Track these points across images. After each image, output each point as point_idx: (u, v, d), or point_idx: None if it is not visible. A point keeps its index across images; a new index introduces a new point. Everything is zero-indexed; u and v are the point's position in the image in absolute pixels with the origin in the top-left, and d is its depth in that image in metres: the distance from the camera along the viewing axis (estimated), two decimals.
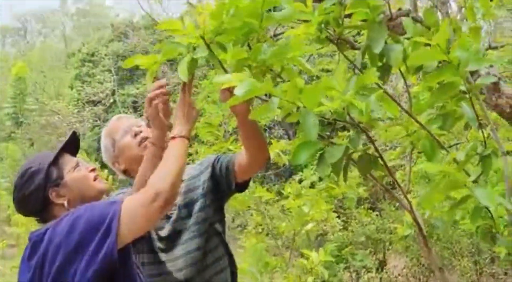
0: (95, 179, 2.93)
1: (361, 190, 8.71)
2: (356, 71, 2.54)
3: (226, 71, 2.50)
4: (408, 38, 2.55)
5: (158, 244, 3.34)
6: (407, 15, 6.95)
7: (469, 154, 2.48)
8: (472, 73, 6.21)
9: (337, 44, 2.60)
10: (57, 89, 34.36)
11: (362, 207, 10.97)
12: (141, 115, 3.28)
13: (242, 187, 3.47)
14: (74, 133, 3.04)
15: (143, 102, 24.81)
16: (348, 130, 2.54)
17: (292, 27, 2.76)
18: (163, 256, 3.32)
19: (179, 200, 3.37)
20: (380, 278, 9.86)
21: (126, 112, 25.21)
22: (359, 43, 2.82)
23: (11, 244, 20.08)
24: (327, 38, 2.59)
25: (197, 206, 3.38)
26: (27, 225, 19.73)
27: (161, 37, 23.42)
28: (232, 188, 3.40)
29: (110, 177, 7.81)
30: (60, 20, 52.65)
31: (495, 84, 5.55)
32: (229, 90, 2.63)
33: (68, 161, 2.94)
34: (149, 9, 25.18)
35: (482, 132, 2.50)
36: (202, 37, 2.48)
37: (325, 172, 2.36)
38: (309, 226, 7.03)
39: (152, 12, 25.11)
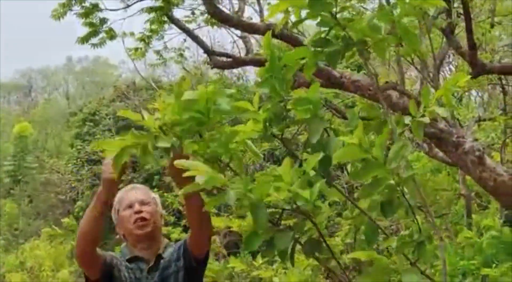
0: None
1: (344, 256, 8.76)
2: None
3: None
4: (351, 131, 2.71)
5: None
6: (394, 88, 7.13)
7: (405, 242, 2.61)
8: (456, 146, 6.33)
9: (282, 140, 2.77)
10: (57, 147, 34.54)
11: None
12: (139, 176, 3.49)
13: (202, 261, 3.68)
14: None
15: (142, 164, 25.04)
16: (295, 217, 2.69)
17: None
18: None
19: (156, 275, 3.59)
20: None
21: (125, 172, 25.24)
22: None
23: None
24: (273, 135, 2.76)
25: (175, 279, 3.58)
26: None
27: None
28: (192, 263, 3.57)
29: None
30: (64, 78, 53.15)
31: (479, 158, 5.71)
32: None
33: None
34: (151, 69, 25.54)
35: (416, 220, 2.62)
36: (161, 128, 2.66)
37: (271, 256, 2.53)
38: None
39: (154, 72, 25.46)
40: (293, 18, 2.83)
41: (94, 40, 8.75)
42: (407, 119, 2.77)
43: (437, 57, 6.77)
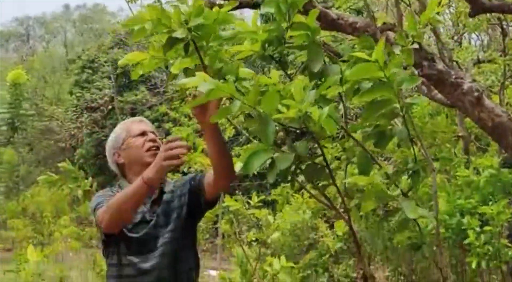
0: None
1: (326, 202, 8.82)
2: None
3: (205, 71, 2.61)
4: (345, 60, 2.70)
5: (132, 247, 3.49)
6: (391, 29, 7.09)
7: (399, 169, 2.62)
8: (455, 87, 6.33)
9: (279, 62, 2.74)
10: (56, 95, 34.49)
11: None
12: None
13: (212, 204, 3.63)
14: None
15: (141, 109, 25.08)
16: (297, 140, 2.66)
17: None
18: (134, 259, 3.47)
19: (159, 208, 3.54)
20: None
21: (124, 119, 25.26)
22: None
23: (7, 248, 20.21)
24: (270, 56, 2.74)
25: (173, 216, 3.52)
26: (23, 230, 19.94)
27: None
28: (201, 204, 3.56)
29: None
30: (62, 26, 52.83)
31: (478, 99, 5.69)
32: (201, 107, 2.83)
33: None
34: None
35: (413, 149, 2.63)
36: (186, 22, 2.60)
37: (273, 178, 2.50)
38: (275, 234, 7.14)
39: None
40: None
41: None
42: (397, 49, 2.76)
43: None
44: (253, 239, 8.97)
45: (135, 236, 3.46)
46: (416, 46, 2.70)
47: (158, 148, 3.43)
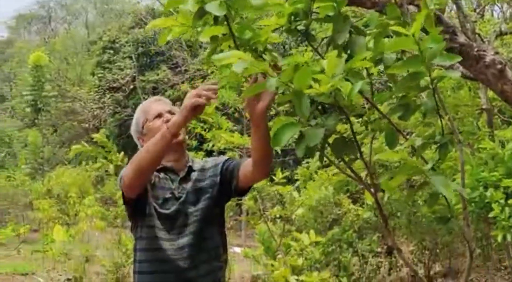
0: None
1: (363, 174, 8.84)
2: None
3: (235, 41, 2.65)
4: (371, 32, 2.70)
5: (159, 221, 3.53)
6: (412, 2, 7.06)
7: (427, 142, 2.62)
8: (477, 60, 6.31)
9: (306, 35, 2.75)
10: (79, 76, 34.61)
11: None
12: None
13: (242, 192, 3.72)
14: None
15: (163, 89, 25.12)
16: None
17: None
18: (161, 234, 3.53)
19: (189, 185, 3.62)
20: (389, 263, 9.96)
21: (146, 98, 25.32)
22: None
23: (34, 229, 20.42)
24: (297, 29, 2.75)
25: (204, 195, 3.61)
26: (49, 210, 20.10)
27: None
28: (231, 192, 3.63)
29: None
30: (83, 7, 52.89)
31: (501, 72, 5.65)
32: (254, 100, 2.89)
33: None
34: None
35: (441, 122, 2.63)
36: None
37: (302, 152, 2.51)
38: (300, 211, 7.16)
39: None
40: None
41: None
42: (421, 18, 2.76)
43: None
44: (277, 216, 9.00)
45: (165, 212, 3.53)
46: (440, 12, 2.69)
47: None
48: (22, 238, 18.00)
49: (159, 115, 3.62)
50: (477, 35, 6.63)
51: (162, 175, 3.59)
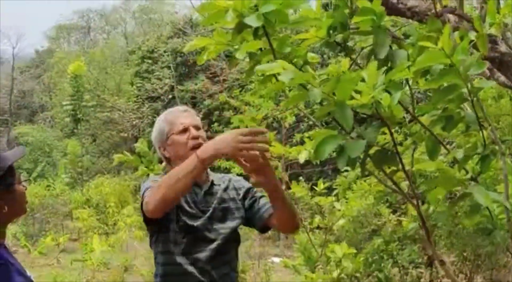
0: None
1: (403, 184, 8.79)
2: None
3: (274, 55, 2.65)
4: (412, 44, 2.68)
5: (180, 235, 3.52)
6: (452, 12, 7.02)
7: (468, 154, 2.60)
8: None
9: (344, 48, 2.74)
10: (118, 86, 34.92)
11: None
12: (199, 111, 3.44)
13: (266, 230, 3.79)
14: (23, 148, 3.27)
15: (201, 98, 25.23)
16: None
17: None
18: (177, 249, 3.51)
19: (214, 201, 3.61)
20: (430, 274, 9.87)
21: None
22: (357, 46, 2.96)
23: (73, 238, 20.61)
24: (335, 42, 2.74)
25: (232, 215, 3.63)
26: (88, 220, 20.28)
27: None
28: (255, 226, 3.74)
29: None
30: (122, 17, 53.37)
31: None
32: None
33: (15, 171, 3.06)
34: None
35: (482, 133, 2.61)
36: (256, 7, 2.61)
37: (344, 165, 2.50)
38: (341, 221, 7.13)
39: None
40: None
41: None
42: (473, 35, 2.73)
43: None
44: (316, 226, 8.97)
45: (193, 224, 3.50)
46: (495, 32, 2.67)
47: (201, 145, 3.43)
48: (61, 247, 18.19)
49: (185, 130, 3.57)
50: None
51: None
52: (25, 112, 46.87)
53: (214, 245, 3.52)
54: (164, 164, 3.80)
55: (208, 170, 3.71)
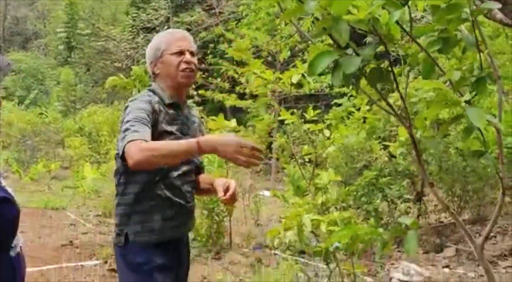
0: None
1: (392, 119, 8.81)
2: None
3: None
4: None
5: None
6: None
7: (465, 76, 2.58)
8: None
9: None
10: (113, 15, 34.58)
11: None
12: (195, 43, 3.47)
13: None
14: None
15: (197, 30, 25.01)
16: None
17: None
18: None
19: (192, 126, 3.81)
20: (418, 209, 9.96)
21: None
22: None
23: (65, 166, 20.66)
24: None
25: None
26: (80, 148, 20.31)
27: None
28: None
29: None
30: None
31: None
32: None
33: None
34: None
35: (480, 56, 2.59)
36: None
37: (338, 81, 2.48)
38: (331, 149, 7.12)
39: None
40: None
41: None
42: None
43: None
44: (307, 159, 8.99)
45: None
46: None
47: (192, 70, 3.64)
48: (52, 174, 18.25)
49: (180, 52, 3.63)
50: None
51: (171, 111, 3.63)
52: (18, 39, 46.41)
53: (185, 168, 3.67)
54: (151, 76, 3.81)
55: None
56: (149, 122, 3.37)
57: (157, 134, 3.42)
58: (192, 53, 3.67)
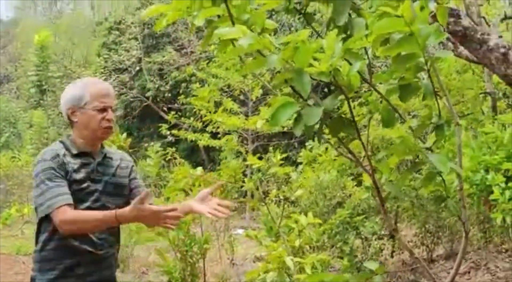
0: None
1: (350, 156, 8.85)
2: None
3: (233, 21, 2.64)
4: (372, 12, 2.70)
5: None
6: None
7: (423, 123, 2.63)
8: (481, 44, 6.26)
9: (304, 15, 2.75)
10: (84, 57, 34.62)
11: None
12: (166, 83, 3.49)
13: None
14: None
15: (169, 70, 25.08)
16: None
17: None
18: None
19: (108, 176, 3.81)
20: (392, 245, 9.97)
21: (152, 80, 25.42)
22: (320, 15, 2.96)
23: None
24: (295, 9, 2.75)
25: (121, 191, 3.86)
26: None
27: None
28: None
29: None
30: None
31: (504, 55, 5.67)
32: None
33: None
34: None
35: (437, 103, 2.64)
36: None
37: (300, 131, 2.52)
38: (299, 192, 7.18)
39: None
40: None
41: None
42: (432, 5, 2.75)
43: None
44: (280, 198, 9.02)
45: (80, 187, 3.67)
46: (452, 5, 2.69)
47: (111, 127, 3.72)
48: (26, 218, 18.09)
49: (103, 109, 3.66)
50: (482, 19, 6.62)
51: (78, 160, 3.69)
52: None
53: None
54: (66, 121, 3.86)
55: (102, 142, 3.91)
56: (62, 177, 3.54)
57: (69, 183, 3.55)
58: (113, 110, 3.73)
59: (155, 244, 9.17)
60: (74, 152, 3.67)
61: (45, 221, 3.59)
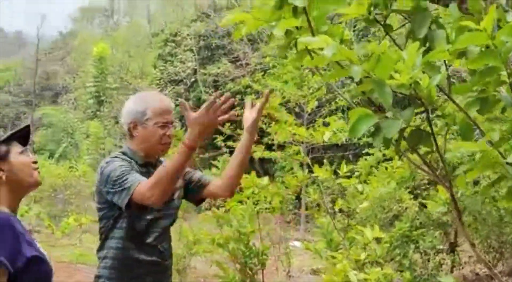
0: (35, 169, 3.10)
1: (426, 169, 8.75)
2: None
3: (313, 32, 2.63)
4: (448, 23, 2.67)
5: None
6: None
7: (504, 136, 2.57)
8: None
9: (384, 26, 2.73)
10: (140, 69, 35.00)
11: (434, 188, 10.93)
12: (222, 95, 3.53)
13: (199, 202, 4.10)
14: (27, 126, 3.19)
15: (224, 82, 25.23)
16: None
17: None
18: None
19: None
20: (452, 260, 9.84)
21: (207, 92, 25.57)
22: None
23: (96, 219, 20.70)
24: (375, 20, 2.72)
25: (176, 193, 3.87)
26: None
27: None
28: (192, 201, 4.05)
29: None
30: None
31: None
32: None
33: (16, 145, 3.06)
34: None
35: None
36: None
37: (379, 144, 2.50)
38: (365, 204, 7.13)
39: None
40: None
41: None
42: (510, 17, 2.70)
43: None
44: (338, 209, 8.98)
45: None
46: None
47: (170, 143, 3.77)
48: (84, 228, 18.29)
49: (165, 126, 3.69)
50: None
51: (144, 169, 3.71)
52: (49, 94, 47.11)
53: (163, 224, 3.79)
54: (126, 133, 3.87)
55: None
56: (136, 171, 3.56)
57: None
58: (174, 126, 3.77)
59: (213, 256, 9.22)
60: (139, 162, 3.70)
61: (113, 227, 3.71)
